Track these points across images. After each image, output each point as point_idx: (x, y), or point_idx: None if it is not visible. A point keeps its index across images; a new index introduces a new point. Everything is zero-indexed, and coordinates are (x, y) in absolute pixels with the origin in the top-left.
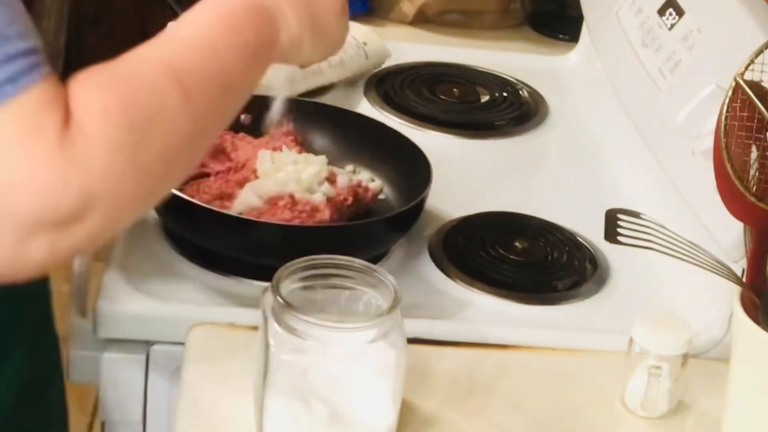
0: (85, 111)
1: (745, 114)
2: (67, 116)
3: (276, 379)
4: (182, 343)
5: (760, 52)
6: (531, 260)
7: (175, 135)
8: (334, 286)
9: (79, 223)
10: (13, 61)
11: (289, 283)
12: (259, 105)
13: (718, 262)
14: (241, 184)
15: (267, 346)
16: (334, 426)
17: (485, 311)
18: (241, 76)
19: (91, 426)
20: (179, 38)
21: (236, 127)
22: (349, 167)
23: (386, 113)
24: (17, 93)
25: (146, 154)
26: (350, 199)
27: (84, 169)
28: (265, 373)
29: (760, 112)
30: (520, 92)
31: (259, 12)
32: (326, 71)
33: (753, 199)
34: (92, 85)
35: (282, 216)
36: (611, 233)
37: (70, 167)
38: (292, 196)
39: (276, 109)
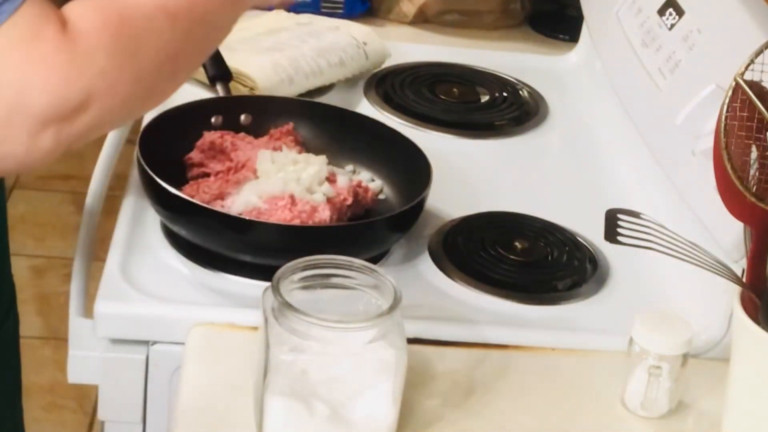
0: (84, 21)
1: (745, 114)
2: (63, 25)
3: (276, 379)
4: (182, 343)
5: (760, 52)
6: (531, 260)
7: (163, 51)
8: (334, 286)
9: (80, 116)
10: None
11: (289, 283)
12: (259, 105)
13: (718, 262)
14: (241, 184)
15: (267, 346)
16: (334, 426)
17: (485, 311)
18: (217, 12)
19: (91, 426)
20: None
21: (236, 127)
22: (349, 167)
23: (386, 113)
24: (14, 10)
25: (139, 63)
26: (350, 199)
27: (84, 68)
28: (265, 373)
29: (760, 112)
30: (520, 92)
31: None
32: (326, 71)
33: (753, 199)
34: (90, 4)
35: (282, 216)
36: (611, 233)
37: (71, 67)
38: (292, 196)
39: None
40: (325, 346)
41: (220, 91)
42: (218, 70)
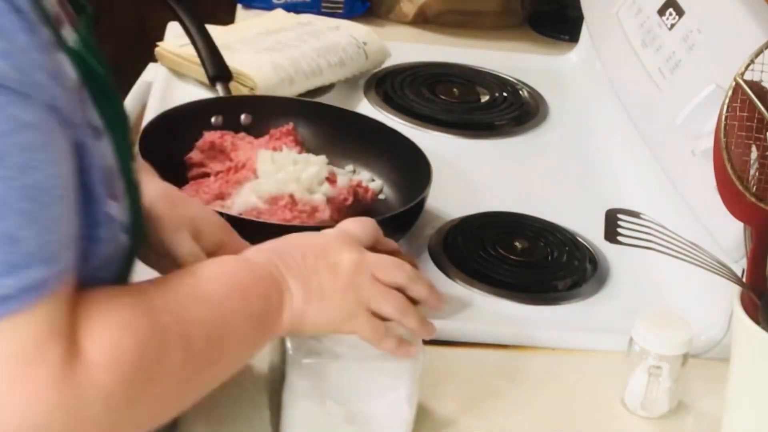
0: (97, 351)
1: (745, 114)
2: (71, 348)
3: (294, 382)
4: None
5: (760, 52)
6: (531, 260)
7: (170, 391)
8: None
9: None
10: (16, 273)
11: None
12: (259, 105)
13: (718, 262)
14: (241, 184)
15: (286, 349)
16: (351, 427)
17: (485, 311)
18: (240, 345)
19: None
20: (193, 293)
21: (236, 127)
22: (349, 167)
23: (386, 113)
24: (21, 309)
25: (140, 407)
26: (350, 199)
27: (76, 412)
28: (285, 375)
29: (760, 112)
30: (520, 92)
31: (269, 284)
32: (326, 71)
33: (753, 199)
34: (110, 322)
35: (282, 216)
36: (611, 233)
37: (60, 407)
38: (292, 196)
39: None
40: (342, 350)
41: (220, 91)
42: (218, 70)
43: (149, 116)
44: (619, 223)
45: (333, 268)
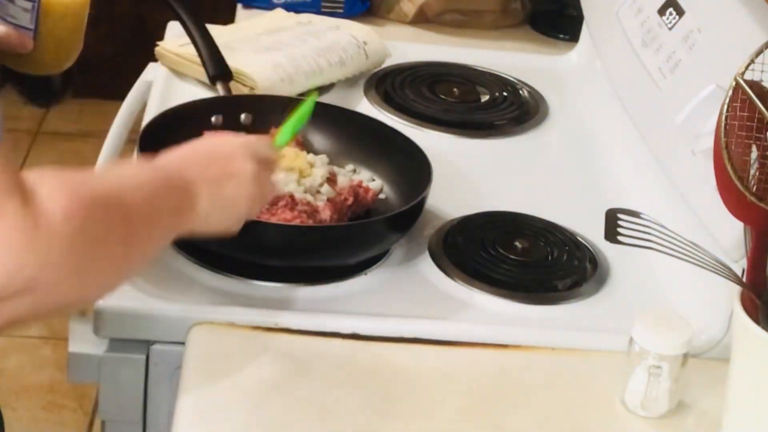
0: (52, 203)
1: (745, 114)
2: (27, 201)
3: None
4: (182, 343)
5: (760, 52)
6: (531, 260)
7: (108, 259)
8: None
9: (13, 302)
10: None
11: None
12: (259, 105)
13: (718, 262)
14: None
15: None
16: None
17: (485, 311)
18: (160, 235)
19: (91, 426)
20: (128, 182)
21: (236, 127)
22: (349, 167)
23: (386, 113)
24: None
25: (86, 267)
26: (350, 199)
27: (38, 256)
28: None
29: (760, 112)
30: (520, 92)
31: (177, 186)
32: (326, 71)
33: (753, 199)
34: (62, 182)
35: (282, 216)
36: (611, 233)
37: (25, 251)
38: (292, 196)
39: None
40: None
41: (221, 90)
42: (218, 70)
43: (149, 116)
44: (619, 223)
45: (235, 179)
